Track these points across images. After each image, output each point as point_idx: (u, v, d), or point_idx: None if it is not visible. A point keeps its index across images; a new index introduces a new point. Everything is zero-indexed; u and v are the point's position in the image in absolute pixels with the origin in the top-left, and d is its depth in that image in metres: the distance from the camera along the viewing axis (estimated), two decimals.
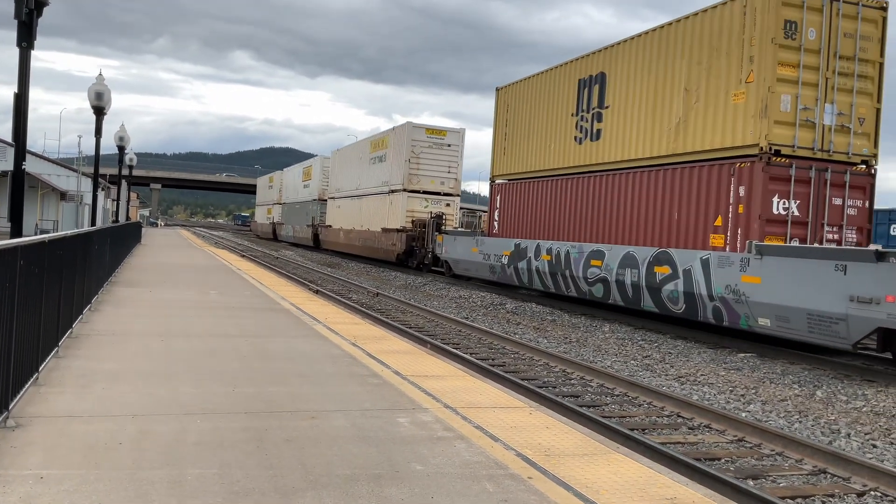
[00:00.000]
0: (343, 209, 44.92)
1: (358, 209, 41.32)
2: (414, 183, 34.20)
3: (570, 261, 19.67)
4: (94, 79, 19.47)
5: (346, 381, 7.14)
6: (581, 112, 20.39)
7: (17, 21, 8.57)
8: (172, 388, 6.44)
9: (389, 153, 36.44)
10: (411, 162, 33.97)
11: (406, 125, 34.33)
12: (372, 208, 38.52)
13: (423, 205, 33.98)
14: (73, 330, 8.90)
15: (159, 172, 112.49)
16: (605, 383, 10.68)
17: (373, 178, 39.07)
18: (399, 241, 33.48)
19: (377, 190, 37.94)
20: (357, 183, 42.11)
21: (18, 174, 8.35)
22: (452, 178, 34.88)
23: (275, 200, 71.12)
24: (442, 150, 34.35)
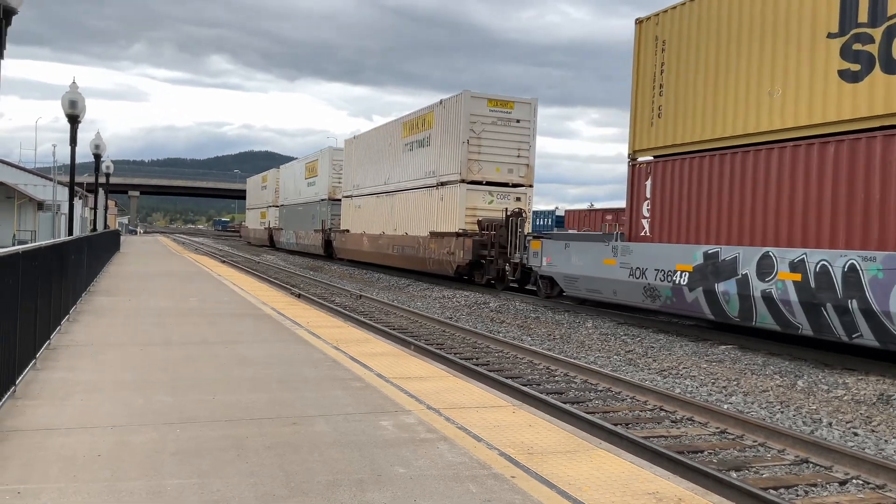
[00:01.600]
0: (365, 210, 37.16)
1: (388, 209, 33.74)
2: (475, 172, 26.26)
3: (857, 283, 11.44)
4: (68, 87, 19.25)
5: (327, 386, 7.10)
6: (855, 28, 12.20)
7: None
8: (151, 398, 6.37)
9: (436, 134, 28.59)
10: (471, 144, 26.08)
11: (462, 95, 26.21)
12: (411, 207, 30.99)
13: (488, 200, 26.44)
14: (52, 341, 8.79)
15: (137, 179, 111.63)
16: (589, 379, 10.71)
17: (410, 169, 31.22)
18: (460, 249, 25.54)
19: (418, 183, 30.19)
20: (385, 176, 34.29)
21: None
22: (523, 163, 26.82)
23: (269, 202, 63.45)
24: (509, 128, 26.49)
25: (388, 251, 32.92)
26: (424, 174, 29.70)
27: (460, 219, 26.35)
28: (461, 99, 26.48)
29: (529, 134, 26.95)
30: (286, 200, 56.67)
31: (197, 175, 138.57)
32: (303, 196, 51.01)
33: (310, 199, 48.69)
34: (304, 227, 49.20)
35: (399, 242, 31.78)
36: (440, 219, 27.99)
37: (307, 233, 48.19)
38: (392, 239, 32.73)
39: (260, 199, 69.52)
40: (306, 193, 50.04)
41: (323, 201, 45.52)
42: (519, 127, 26.79)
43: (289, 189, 56.07)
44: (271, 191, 63.13)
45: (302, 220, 50.27)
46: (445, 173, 27.65)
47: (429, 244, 28.33)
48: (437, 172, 28.37)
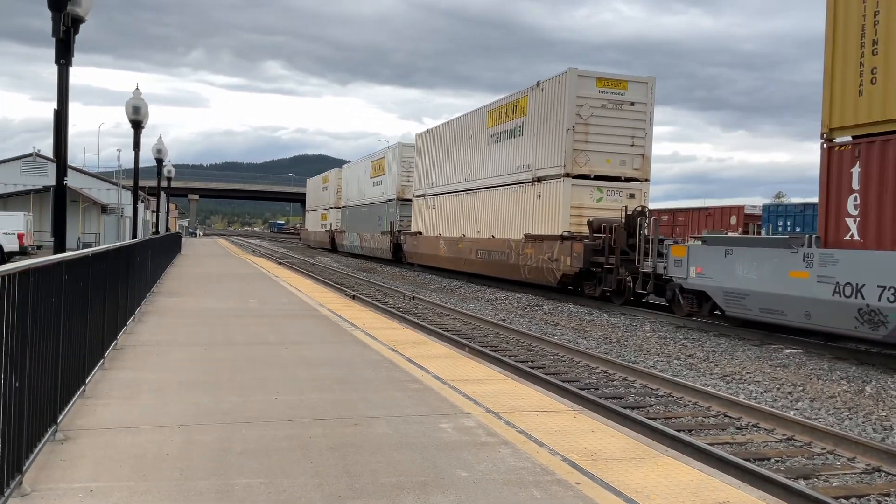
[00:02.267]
0: (441, 210, 33.63)
1: (470, 209, 30.17)
2: (581, 164, 22.33)
3: None
4: (132, 93, 19.79)
5: (386, 387, 7.12)
6: None
7: (54, 39, 8.72)
8: (216, 397, 6.48)
9: (532, 122, 24.79)
10: (577, 132, 22.22)
11: (567, 75, 22.32)
12: (499, 206, 27.37)
13: (596, 197, 22.58)
14: (118, 341, 9.02)
15: (197, 183, 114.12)
16: (649, 384, 10.53)
17: (498, 163, 27.64)
18: (566, 255, 21.50)
19: (508, 179, 26.67)
20: (466, 172, 30.70)
21: (60, 190, 8.50)
22: (638, 153, 22.77)
23: (331, 204, 60.29)
24: (622, 112, 22.57)
25: (471, 256, 29.00)
26: (516, 168, 25.86)
27: (563, 219, 22.39)
28: (565, 79, 22.41)
29: (646, 119, 22.77)
30: (349, 201, 53.90)
31: (253, 178, 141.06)
32: (367, 196, 48.07)
33: (376, 200, 45.71)
34: (370, 229, 46.05)
35: (484, 247, 27.89)
36: (537, 219, 24.05)
37: (373, 235, 45.02)
38: (475, 243, 28.96)
39: (320, 200, 66.68)
40: (371, 193, 47.09)
41: (391, 202, 42.18)
42: (633, 111, 22.70)
43: (352, 189, 53.25)
44: (332, 192, 60.36)
45: (367, 222, 47.20)
46: (544, 167, 23.72)
47: (523, 249, 24.27)
48: (534, 166, 24.40)
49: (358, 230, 49.11)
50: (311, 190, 73.18)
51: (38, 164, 51.14)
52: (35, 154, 52.10)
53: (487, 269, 27.76)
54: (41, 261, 4.63)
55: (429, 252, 34.53)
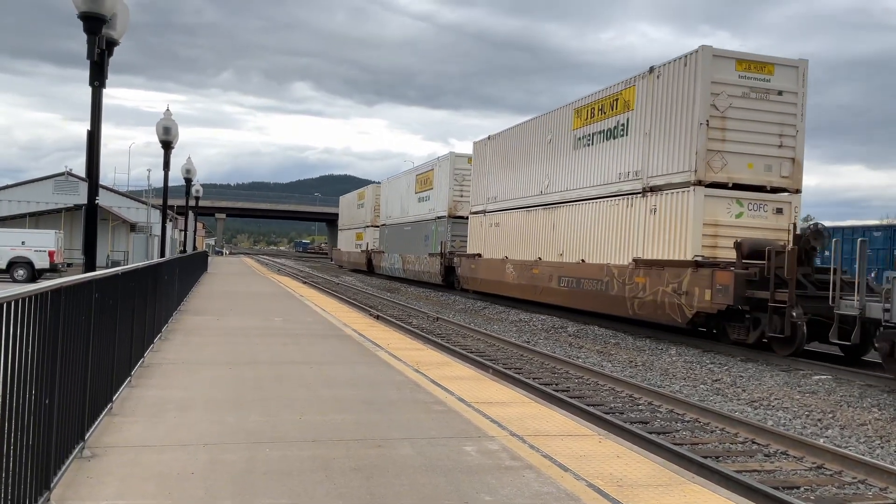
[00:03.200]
0: (507, 229, 28.92)
1: (548, 227, 25.27)
2: (716, 169, 17.61)
3: None
4: (162, 114, 20.11)
5: (410, 408, 7.11)
6: None
7: (89, 61, 8.92)
8: (241, 417, 6.51)
9: (640, 118, 20.05)
10: (712, 127, 17.49)
11: (700, 54, 17.70)
12: (590, 224, 22.38)
13: (735, 212, 17.77)
14: (145, 359, 9.11)
15: (224, 202, 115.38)
16: (675, 409, 10.39)
17: (589, 171, 22.64)
18: (704, 288, 16.42)
19: (604, 190, 21.65)
20: (542, 183, 25.88)
21: (92, 209, 8.64)
22: (787, 156, 18.12)
23: (367, 222, 56.21)
24: (767, 103, 17.99)
25: (551, 285, 24.05)
26: (617, 177, 21.00)
27: (692, 240, 17.44)
28: (696, 60, 17.84)
29: (796, 113, 18.17)
30: (389, 219, 49.28)
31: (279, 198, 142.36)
32: (411, 214, 43.63)
33: (422, 217, 40.98)
34: (414, 250, 41.46)
35: (570, 273, 22.85)
36: (650, 240, 19.16)
37: (418, 257, 40.34)
38: (556, 268, 23.88)
39: (355, 218, 62.34)
40: (417, 210, 42.54)
41: (440, 219, 37.56)
42: (781, 102, 18.08)
43: (392, 206, 48.83)
44: (369, 209, 56.18)
45: (410, 242, 42.60)
46: (662, 173, 18.91)
47: (631, 278, 19.30)
48: (645, 173, 19.60)
49: (400, 251, 44.81)
50: (345, 207, 69.27)
51: (70, 182, 52.06)
52: (67, 173, 53.05)
53: (576, 300, 22.57)
54: (72, 279, 4.70)
55: (491, 278, 29.64)
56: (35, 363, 3.81)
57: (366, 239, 56.51)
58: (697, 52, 17.86)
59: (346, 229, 67.54)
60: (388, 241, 48.61)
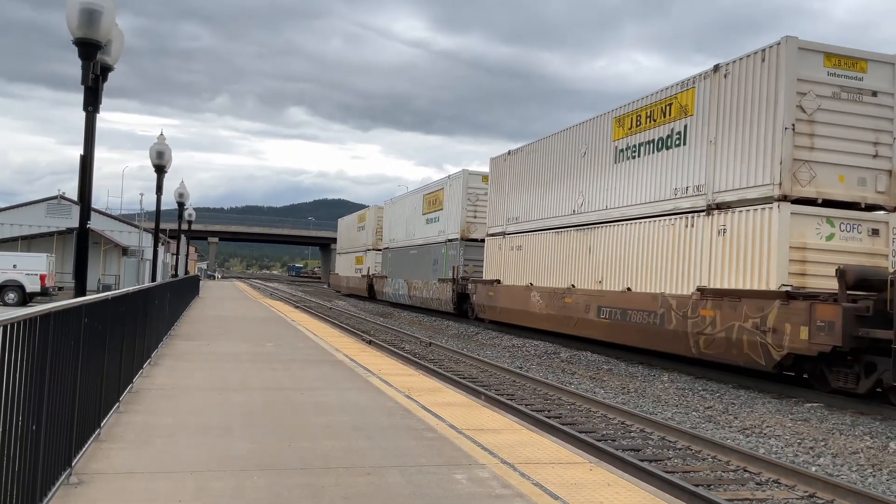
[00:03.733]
0: (532, 252, 25.89)
1: (583, 250, 22.22)
2: (803, 182, 15.13)
3: None
4: (156, 138, 20.16)
5: (401, 435, 7.07)
6: None
7: (83, 86, 8.95)
8: (230, 443, 6.46)
9: (701, 125, 17.52)
10: (798, 132, 15.10)
11: (786, 45, 15.15)
12: (638, 247, 19.34)
13: (825, 233, 15.23)
14: (134, 385, 9.05)
15: (217, 226, 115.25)
16: (667, 436, 10.36)
17: (635, 186, 19.91)
18: (800, 325, 13.65)
19: (657, 208, 18.79)
20: (574, 201, 23.11)
21: (83, 234, 8.63)
22: (883, 168, 15.72)
23: (369, 245, 53.65)
24: (860, 106, 15.62)
25: (588, 316, 20.93)
26: (672, 192, 18.11)
27: (777, 267, 14.74)
28: (777, 54, 15.32)
29: (893, 117, 15.83)
30: (393, 242, 46.70)
31: (273, 222, 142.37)
32: (418, 236, 40.96)
33: (430, 241, 38.36)
34: (422, 275, 38.59)
35: (614, 304, 19.69)
36: (720, 266, 16.31)
37: (427, 283, 37.38)
38: (595, 297, 20.75)
39: (354, 242, 59.41)
40: (424, 233, 39.88)
41: (452, 242, 34.93)
42: (876, 104, 15.66)
43: (397, 228, 46.13)
44: (370, 232, 53.53)
45: (417, 267, 39.90)
46: (732, 188, 16.27)
47: (696, 310, 16.37)
48: (710, 187, 16.88)
49: (405, 276, 41.94)
50: (344, 230, 66.18)
51: (63, 206, 52.00)
52: (60, 196, 53.02)
53: (620, 334, 19.38)
54: (62, 304, 4.69)
55: (513, 306, 26.59)
56: (23, 389, 3.79)
57: (367, 263, 53.70)
58: (780, 45, 15.31)
59: (345, 253, 64.50)
60: (392, 266, 45.83)
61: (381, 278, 48.02)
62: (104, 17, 8.42)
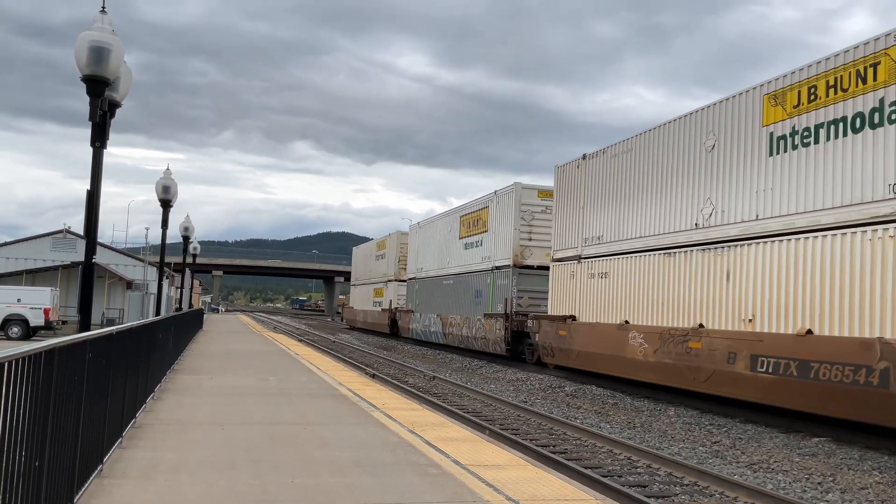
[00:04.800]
0: (623, 280, 20.37)
1: (717, 277, 16.58)
2: None
3: None
4: (162, 173, 20.31)
5: (405, 471, 7.01)
6: None
7: (91, 122, 9.05)
8: (233, 479, 6.42)
9: None
10: None
11: None
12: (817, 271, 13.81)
13: None
14: (137, 419, 9.01)
15: (221, 259, 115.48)
16: (674, 472, 10.25)
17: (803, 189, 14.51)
18: None
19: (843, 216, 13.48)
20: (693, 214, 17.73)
21: (88, 268, 8.66)
22: None
23: (390, 276, 48.37)
24: None
25: (734, 368, 15.16)
26: (885, 190, 12.79)
27: None
28: None
29: None
30: (421, 272, 40.78)
31: (277, 255, 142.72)
32: (455, 264, 35.08)
33: (471, 268, 32.76)
34: (460, 309, 33.11)
35: (783, 352, 14.02)
36: None
37: (468, 319, 31.71)
38: (744, 343, 15.10)
39: (372, 272, 53.88)
40: (462, 260, 34.13)
41: (500, 270, 29.15)
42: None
43: (426, 256, 40.40)
44: (391, 261, 48.40)
45: (454, 300, 34.27)
46: None
47: None
48: None
49: (438, 311, 36.18)
50: (360, 260, 60.18)
51: (68, 240, 52.20)
52: (65, 231, 53.25)
53: (797, 397, 13.65)
54: (66, 339, 4.70)
55: (600, 350, 20.69)
56: (26, 425, 3.78)
57: (388, 296, 48.03)
58: None
59: (361, 284, 58.45)
60: (421, 299, 39.76)
61: (407, 313, 42.63)
62: (112, 55, 8.55)
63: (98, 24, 8.58)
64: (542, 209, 28.22)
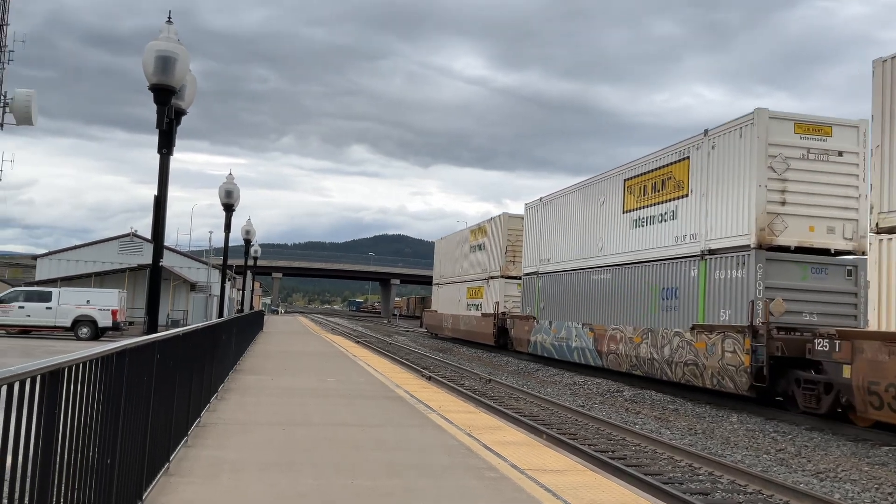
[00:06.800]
0: None
1: None
2: None
3: None
4: (225, 177, 20.78)
5: (462, 475, 7.03)
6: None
7: (158, 130, 9.32)
8: (294, 480, 6.52)
9: None
10: None
11: None
12: None
13: None
14: (202, 418, 9.23)
15: (281, 262, 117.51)
16: (737, 479, 10.02)
17: None
18: None
19: None
20: None
21: (156, 271, 8.92)
22: None
23: (492, 271, 38.50)
24: None
25: None
26: None
27: None
28: None
29: None
30: (548, 264, 30.16)
31: (334, 258, 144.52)
32: (614, 250, 24.40)
33: (651, 255, 22.01)
34: (631, 316, 22.56)
35: None
36: None
37: (652, 333, 21.01)
38: None
39: (465, 267, 44.20)
40: (631, 243, 23.37)
41: (720, 254, 18.67)
42: None
43: (557, 241, 29.51)
44: (495, 251, 38.36)
45: (616, 303, 23.71)
46: None
47: None
48: None
49: (584, 317, 25.79)
50: (445, 253, 50.36)
51: (135, 243, 53.85)
52: (132, 234, 54.94)
53: None
54: (136, 341, 4.85)
55: None
56: (98, 423, 3.92)
57: (489, 297, 38.35)
58: None
59: (447, 283, 48.66)
60: (550, 301, 29.55)
61: (525, 320, 32.20)
62: (178, 64, 8.79)
63: (164, 34, 8.84)
64: (805, 153, 17.77)
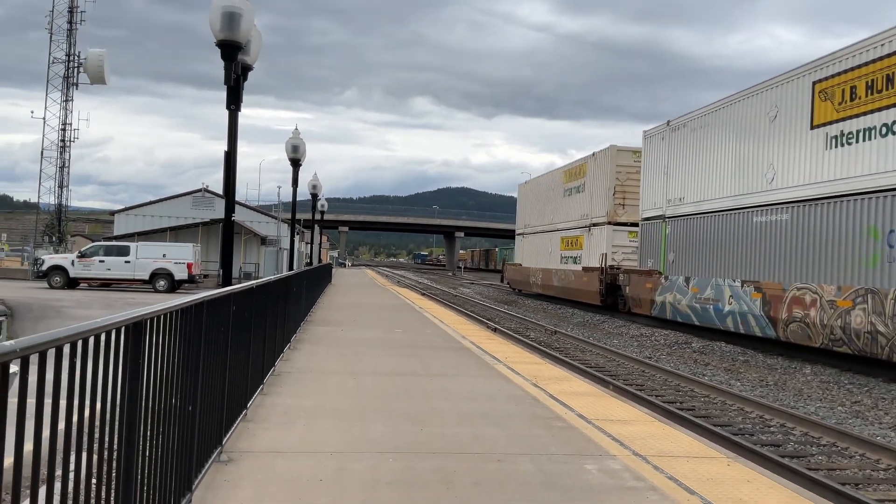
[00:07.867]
0: None
1: None
2: None
3: None
4: (291, 132, 21.02)
5: (529, 424, 7.10)
6: None
7: (226, 87, 9.47)
8: (366, 426, 6.71)
9: None
10: None
11: None
12: None
13: None
14: (276, 367, 9.53)
15: (347, 216, 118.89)
16: (810, 431, 9.86)
17: None
18: None
19: None
20: None
21: (228, 226, 9.15)
22: None
23: (598, 217, 32.09)
24: None
25: None
26: None
27: None
28: None
29: None
30: (679, 205, 24.65)
31: (399, 211, 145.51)
32: (793, 182, 18.18)
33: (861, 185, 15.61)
34: (835, 271, 16.19)
35: None
36: None
37: (884, 296, 14.38)
38: None
39: (556, 214, 38.23)
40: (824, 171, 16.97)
41: None
42: None
43: (690, 176, 23.91)
44: (598, 194, 32.26)
45: (801, 254, 17.56)
46: None
47: None
48: None
49: (742, 273, 20.11)
50: (530, 198, 44.28)
51: (207, 198, 55.28)
52: (204, 189, 56.36)
53: None
54: (212, 293, 5.01)
55: None
56: (179, 372, 4.09)
57: (594, 247, 32.22)
58: None
59: (535, 233, 42.27)
60: (681, 252, 24.16)
61: (646, 275, 26.41)
62: (244, 19, 8.86)
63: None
64: None
